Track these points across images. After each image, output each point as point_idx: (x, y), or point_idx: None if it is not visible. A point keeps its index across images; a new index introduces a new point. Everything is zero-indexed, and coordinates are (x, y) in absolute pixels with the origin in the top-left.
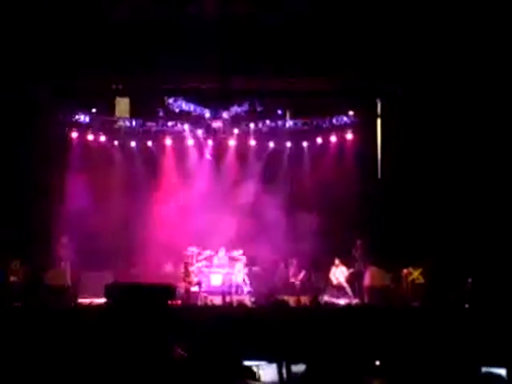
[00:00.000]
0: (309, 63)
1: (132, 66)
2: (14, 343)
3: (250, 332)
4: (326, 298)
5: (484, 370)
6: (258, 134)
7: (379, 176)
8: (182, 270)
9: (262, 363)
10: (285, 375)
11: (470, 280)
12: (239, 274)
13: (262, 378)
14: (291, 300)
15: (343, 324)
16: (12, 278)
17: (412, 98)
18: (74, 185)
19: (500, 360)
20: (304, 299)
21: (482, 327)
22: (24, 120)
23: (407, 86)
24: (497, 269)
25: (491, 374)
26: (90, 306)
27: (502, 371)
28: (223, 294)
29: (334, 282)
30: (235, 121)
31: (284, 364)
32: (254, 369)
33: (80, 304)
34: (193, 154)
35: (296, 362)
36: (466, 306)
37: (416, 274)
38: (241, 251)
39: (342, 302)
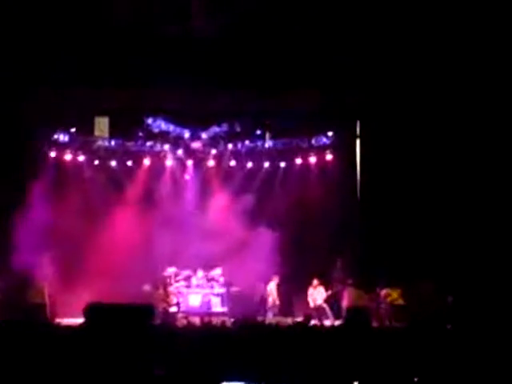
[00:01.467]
0: (288, 82)
1: (111, 84)
2: None
3: (229, 353)
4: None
5: None
6: (237, 155)
7: (358, 196)
8: (161, 290)
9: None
10: None
11: (450, 298)
12: (217, 294)
13: None
14: (270, 321)
15: (322, 345)
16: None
17: (391, 118)
18: (54, 204)
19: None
20: (283, 320)
21: (465, 348)
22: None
23: (385, 105)
24: (478, 287)
25: None
26: (67, 326)
27: None
28: (201, 315)
29: (312, 303)
30: (214, 141)
31: None
32: None
33: (58, 324)
34: (172, 174)
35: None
36: (448, 326)
37: (395, 294)
38: (219, 271)
39: (324, 322)
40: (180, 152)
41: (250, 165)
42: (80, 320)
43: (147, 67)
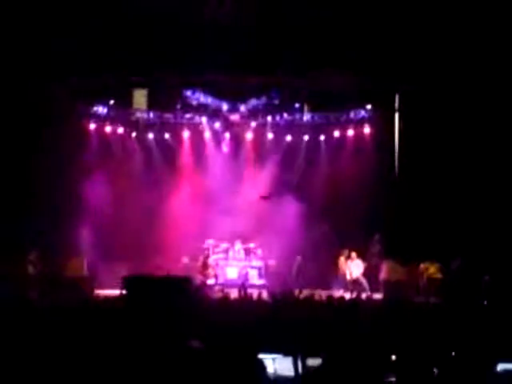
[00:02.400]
0: (328, 59)
1: (151, 59)
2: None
3: (266, 325)
4: (340, 292)
5: (501, 366)
6: (275, 127)
7: (396, 170)
8: (200, 262)
9: (278, 356)
10: (300, 369)
11: (487, 277)
12: (255, 267)
13: (278, 371)
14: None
15: (359, 318)
16: (30, 269)
17: (431, 92)
18: (94, 176)
19: None
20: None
21: (499, 324)
22: (44, 112)
23: (425, 81)
24: None
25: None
26: (107, 297)
27: None
28: (239, 287)
29: (348, 276)
30: (252, 114)
31: (299, 357)
32: (270, 362)
33: (97, 295)
34: (210, 147)
35: (312, 356)
36: (485, 302)
37: (433, 269)
38: (257, 244)
39: (359, 296)
40: (218, 125)
41: (288, 138)
42: (118, 291)
43: (188, 46)
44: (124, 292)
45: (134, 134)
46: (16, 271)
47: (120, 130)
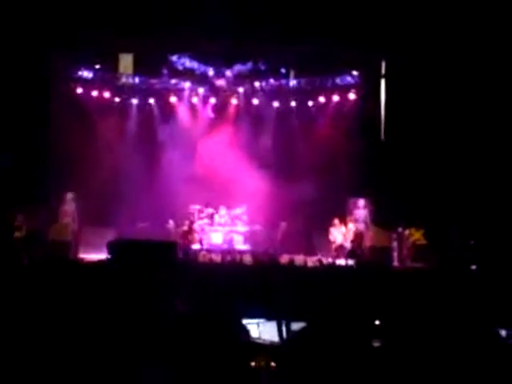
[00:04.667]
0: (313, 24)
1: (137, 24)
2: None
3: (250, 290)
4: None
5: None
6: (262, 93)
7: (382, 136)
8: (185, 227)
9: (262, 321)
10: (284, 333)
11: (472, 242)
12: (240, 232)
13: (262, 336)
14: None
15: (343, 284)
16: (16, 234)
17: (417, 58)
18: (78, 140)
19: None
20: (303, 258)
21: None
22: (30, 74)
23: (412, 47)
24: (500, 230)
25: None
26: (90, 261)
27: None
28: (223, 252)
29: (334, 242)
30: (238, 79)
31: (284, 322)
32: (254, 327)
33: (81, 259)
34: (195, 112)
35: (296, 320)
36: (473, 267)
37: (418, 234)
38: (243, 209)
39: (342, 262)
40: (202, 90)
41: (275, 104)
42: (103, 256)
43: (172, 9)
44: (108, 256)
45: (117, 99)
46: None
47: (106, 94)
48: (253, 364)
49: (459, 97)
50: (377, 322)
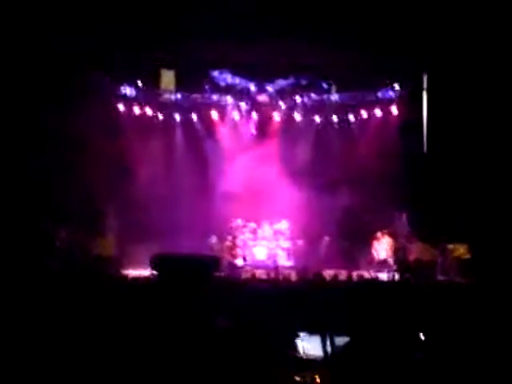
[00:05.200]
0: (354, 37)
1: (177, 37)
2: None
3: (294, 305)
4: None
5: None
6: (303, 108)
7: (425, 150)
8: (229, 242)
9: (305, 335)
10: (329, 348)
11: None
12: (283, 247)
13: (306, 351)
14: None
15: (387, 298)
16: (58, 244)
17: (458, 71)
18: (123, 156)
19: None
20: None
21: None
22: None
23: (453, 60)
24: None
25: None
26: (134, 277)
27: None
28: (268, 268)
29: (377, 256)
30: (280, 94)
31: (328, 336)
32: (298, 341)
33: (125, 275)
34: (238, 128)
35: (340, 335)
36: None
37: (462, 249)
38: (285, 224)
39: (385, 276)
40: (244, 105)
41: (317, 119)
42: (147, 272)
43: (212, 21)
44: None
45: (160, 116)
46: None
47: (148, 110)
48: (298, 379)
49: (501, 109)
50: (421, 337)
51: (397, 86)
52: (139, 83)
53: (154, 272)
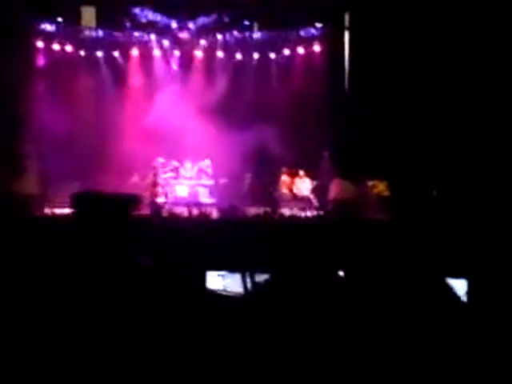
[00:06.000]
0: None
1: None
2: None
3: (215, 243)
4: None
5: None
6: (225, 46)
7: (346, 88)
8: (150, 180)
9: (226, 273)
10: (249, 285)
11: (434, 192)
12: (205, 185)
13: (227, 288)
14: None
15: (308, 236)
16: None
17: (380, 10)
18: (41, 94)
19: (462, 271)
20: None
21: (449, 239)
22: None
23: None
24: (462, 180)
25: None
26: (55, 215)
27: (463, 282)
28: (189, 206)
29: (299, 194)
30: (202, 32)
31: (248, 274)
32: (219, 279)
33: (46, 213)
34: (159, 65)
35: (260, 272)
36: (434, 218)
37: (381, 186)
38: (208, 162)
39: (308, 214)
40: (167, 42)
41: (238, 56)
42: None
43: None
44: (73, 209)
45: (82, 53)
46: None
47: (68, 47)
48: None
49: (421, 50)
50: (340, 273)
51: (318, 25)
52: (59, 19)
53: (75, 210)
